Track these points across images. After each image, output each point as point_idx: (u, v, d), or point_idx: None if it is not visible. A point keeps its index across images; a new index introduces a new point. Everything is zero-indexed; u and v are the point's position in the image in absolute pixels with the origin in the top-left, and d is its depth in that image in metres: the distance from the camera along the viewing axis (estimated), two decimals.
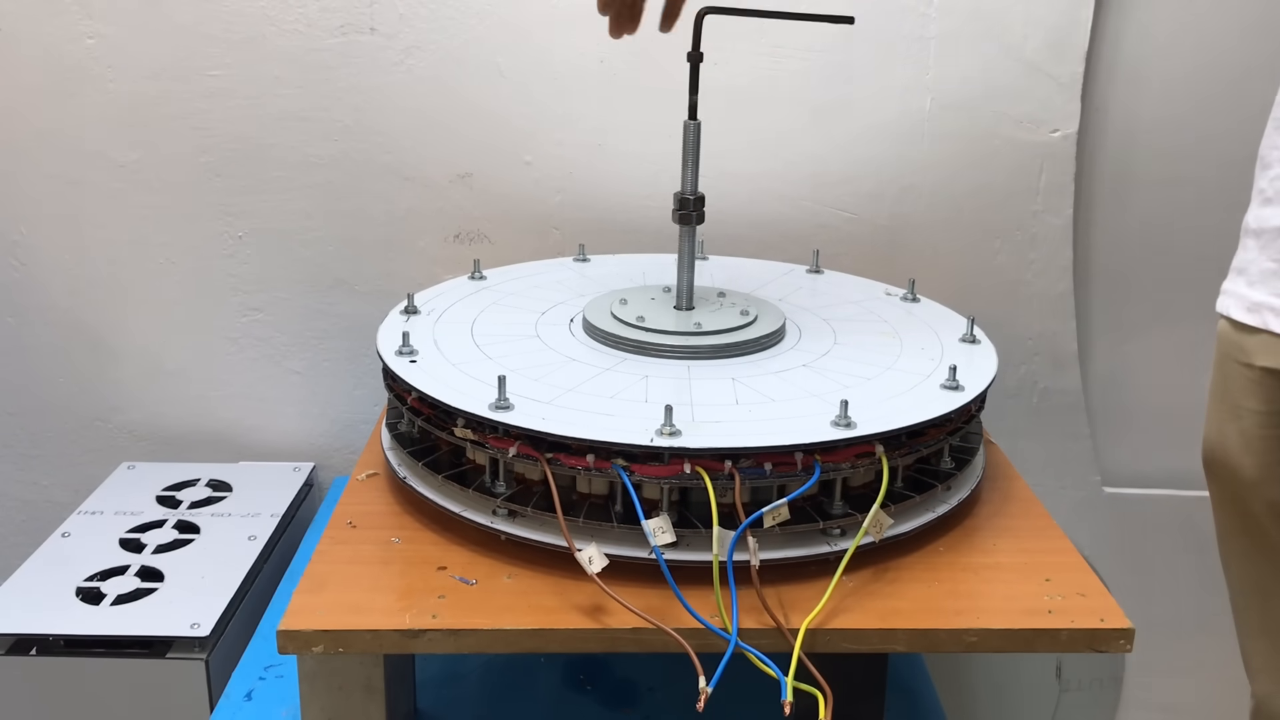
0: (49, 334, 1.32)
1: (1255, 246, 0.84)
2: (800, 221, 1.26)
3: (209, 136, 1.24)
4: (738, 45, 1.20)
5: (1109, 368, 1.34)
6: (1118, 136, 1.25)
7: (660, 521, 0.73)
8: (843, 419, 0.77)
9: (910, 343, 0.96)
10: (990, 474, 0.92)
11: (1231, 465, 0.87)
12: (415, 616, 0.71)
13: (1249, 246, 0.85)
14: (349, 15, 1.20)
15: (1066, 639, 0.72)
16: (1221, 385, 0.88)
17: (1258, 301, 0.83)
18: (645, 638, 0.71)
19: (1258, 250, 0.83)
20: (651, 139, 1.22)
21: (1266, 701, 0.92)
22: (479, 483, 0.81)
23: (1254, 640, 0.92)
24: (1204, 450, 0.90)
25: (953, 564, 0.79)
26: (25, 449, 1.36)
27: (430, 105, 1.23)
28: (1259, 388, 0.84)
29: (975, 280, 1.28)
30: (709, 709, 0.64)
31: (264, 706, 0.93)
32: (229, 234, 1.28)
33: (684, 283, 0.97)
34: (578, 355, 0.91)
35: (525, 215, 1.26)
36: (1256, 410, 0.84)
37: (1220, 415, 0.88)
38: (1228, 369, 0.87)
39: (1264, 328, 0.82)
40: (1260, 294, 0.83)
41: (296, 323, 1.31)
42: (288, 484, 1.28)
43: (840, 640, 0.72)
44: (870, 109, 1.23)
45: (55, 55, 1.22)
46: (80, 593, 1.05)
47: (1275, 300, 0.81)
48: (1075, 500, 1.34)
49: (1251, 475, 0.86)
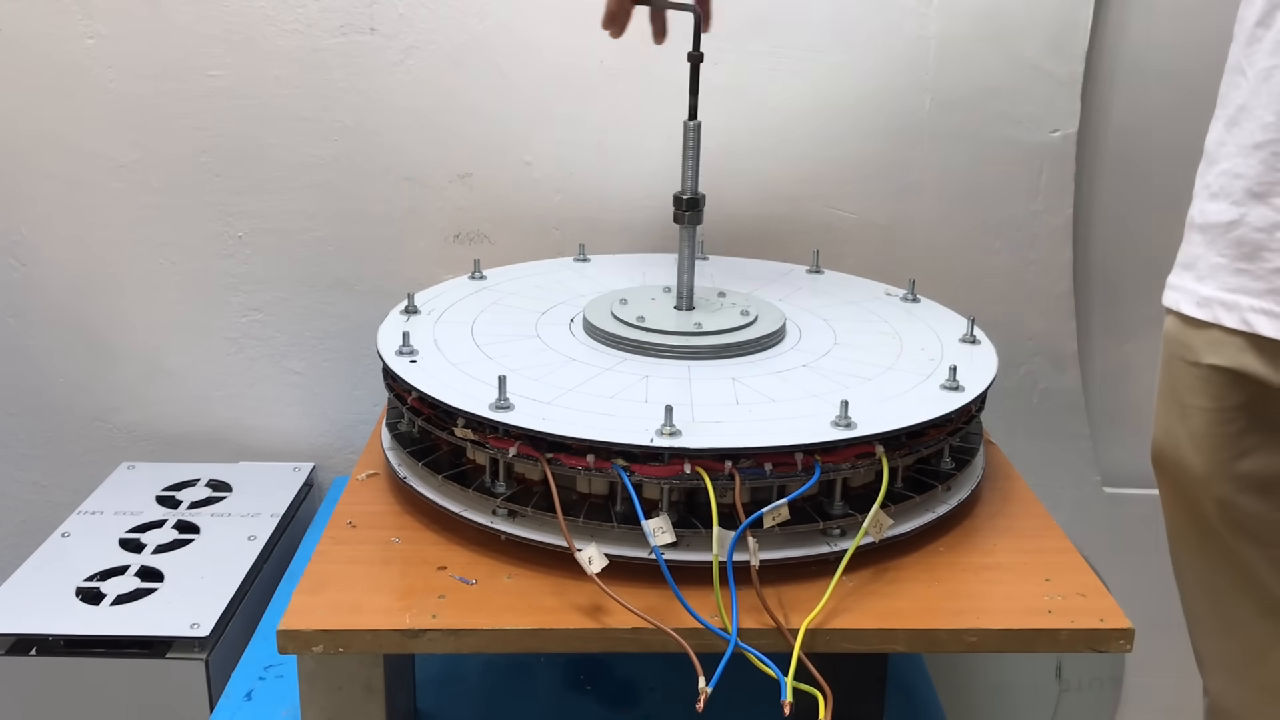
0: (49, 334, 1.32)
1: (1202, 241, 0.83)
2: (800, 221, 1.26)
3: (209, 136, 1.24)
4: (738, 45, 1.20)
5: (1108, 368, 1.34)
6: (1118, 136, 1.25)
7: (660, 521, 0.73)
8: (843, 419, 0.77)
9: (910, 343, 0.96)
10: (990, 474, 0.92)
11: (1181, 464, 0.87)
12: (415, 616, 0.71)
13: (1195, 241, 0.84)
14: (349, 15, 1.20)
15: (1066, 639, 0.72)
16: (1168, 384, 0.88)
17: (1207, 296, 0.82)
18: (645, 638, 0.71)
19: (1205, 245, 0.83)
20: (651, 139, 1.22)
21: (1220, 698, 0.92)
22: (479, 483, 0.81)
23: (1206, 638, 0.92)
24: (1153, 449, 0.90)
25: (953, 564, 0.79)
26: (25, 449, 1.36)
27: (430, 105, 1.23)
28: (1206, 385, 0.84)
29: (975, 280, 1.28)
30: (709, 709, 0.64)
31: (264, 706, 0.93)
32: (229, 234, 1.28)
33: (684, 283, 0.97)
34: (578, 355, 0.91)
35: (525, 215, 1.26)
36: (1204, 408, 0.84)
37: (1168, 415, 0.88)
38: (1174, 368, 0.87)
39: (1215, 322, 0.82)
40: (1210, 289, 0.82)
41: (296, 323, 1.31)
42: (288, 484, 1.28)
43: (840, 640, 0.72)
44: (870, 109, 1.23)
45: (55, 55, 1.22)
46: (80, 593, 1.05)
47: (1225, 295, 0.81)
48: (1075, 500, 1.34)
49: (1201, 473, 0.85)
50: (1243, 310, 0.80)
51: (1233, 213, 0.80)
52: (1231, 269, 0.81)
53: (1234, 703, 0.91)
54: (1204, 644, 0.93)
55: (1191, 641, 0.94)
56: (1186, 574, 0.92)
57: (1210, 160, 0.84)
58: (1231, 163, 0.81)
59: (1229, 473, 0.84)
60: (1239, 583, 0.87)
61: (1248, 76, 0.80)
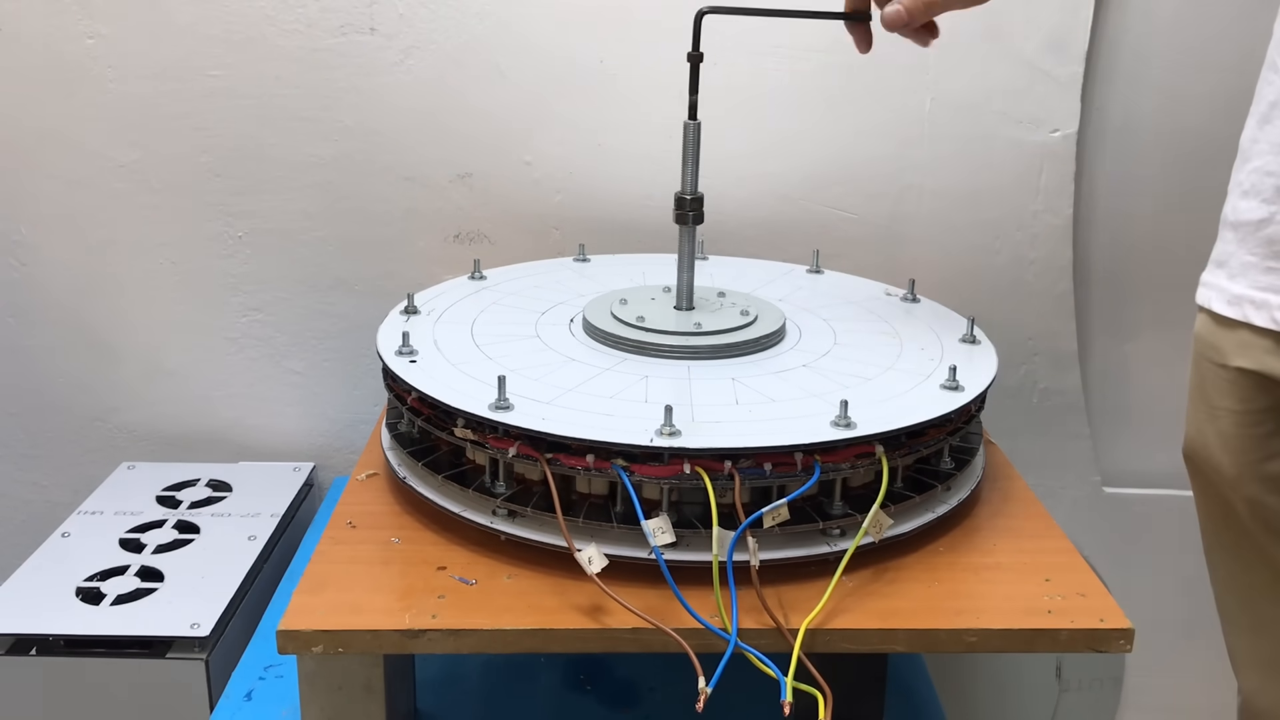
0: (49, 334, 1.32)
1: (1234, 239, 0.83)
2: (800, 221, 1.26)
3: (209, 136, 1.24)
4: (738, 45, 1.20)
5: (1109, 367, 1.34)
6: (1118, 136, 1.25)
7: (660, 521, 0.73)
8: (843, 419, 0.77)
9: (910, 343, 0.96)
10: (990, 474, 0.92)
11: (1212, 463, 0.87)
12: (415, 616, 0.71)
13: (1227, 239, 0.85)
14: (349, 15, 1.20)
15: (1066, 639, 0.72)
16: (1198, 384, 0.88)
17: (1238, 294, 0.82)
18: (645, 638, 0.71)
19: (1236, 243, 0.83)
20: (652, 139, 1.22)
21: (1253, 697, 0.92)
22: (479, 483, 0.81)
23: (1239, 636, 0.92)
24: (1185, 447, 0.91)
25: (953, 564, 0.79)
26: (25, 449, 1.36)
27: (430, 105, 1.23)
28: (1234, 388, 0.84)
29: (975, 280, 1.28)
30: (709, 709, 0.64)
31: (264, 706, 0.93)
32: (229, 234, 1.28)
33: (684, 283, 0.97)
34: (578, 355, 0.91)
35: (525, 215, 1.26)
36: (1232, 410, 0.85)
37: (1198, 414, 0.88)
38: (1203, 369, 0.87)
39: (1244, 320, 0.82)
40: (1240, 286, 0.82)
41: (296, 323, 1.31)
42: (288, 484, 1.28)
43: (840, 640, 0.72)
44: (870, 109, 1.23)
45: (55, 55, 1.22)
46: (80, 593, 1.05)
47: (1255, 293, 0.81)
48: (1075, 500, 1.34)
49: (1231, 473, 0.86)
50: (1272, 309, 0.80)
51: (1263, 210, 0.80)
52: (1262, 267, 0.81)
53: (1267, 702, 0.91)
54: (1236, 642, 0.93)
55: (1225, 640, 0.94)
56: (1219, 572, 0.92)
57: (1244, 157, 0.84)
58: (1263, 160, 0.81)
59: (1258, 474, 0.85)
60: (1270, 582, 0.87)
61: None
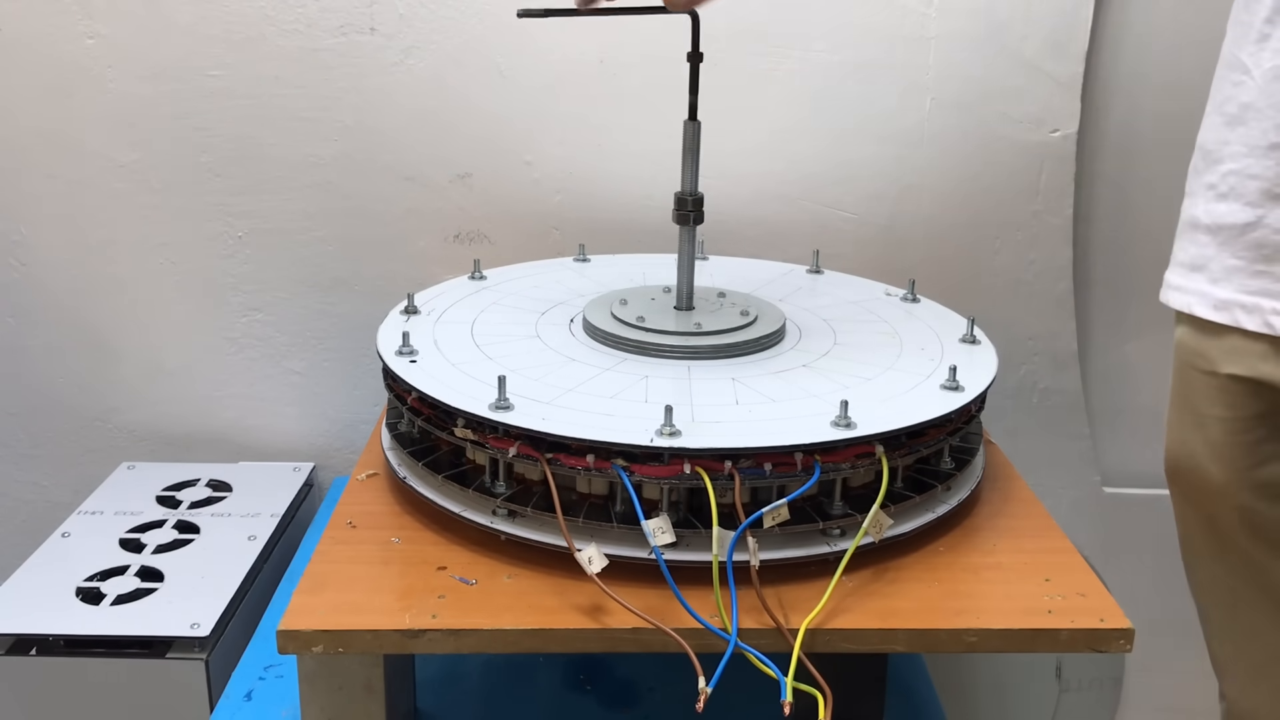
0: (49, 334, 1.32)
1: (1213, 243, 0.82)
2: (800, 221, 1.26)
3: (209, 136, 1.24)
4: (738, 45, 1.20)
5: (1108, 368, 1.34)
6: (1118, 136, 1.25)
7: (660, 522, 0.73)
8: (843, 419, 0.77)
9: (910, 343, 0.96)
10: (990, 474, 0.92)
11: (1198, 474, 0.86)
12: (415, 616, 0.71)
13: (1203, 242, 0.83)
14: (349, 15, 1.20)
15: (1066, 639, 0.72)
16: (1182, 394, 0.87)
17: (1225, 299, 0.81)
18: (645, 638, 0.70)
19: (1216, 247, 0.82)
20: (651, 139, 1.22)
21: (1237, 702, 0.92)
22: (479, 483, 0.81)
23: (1222, 643, 0.92)
24: (1167, 460, 0.89)
25: (953, 564, 0.79)
26: (25, 449, 1.36)
27: (430, 105, 1.23)
28: (1224, 395, 0.83)
29: (975, 280, 1.28)
30: (709, 709, 0.64)
31: (264, 706, 0.93)
32: (229, 234, 1.28)
33: (684, 283, 0.97)
34: (578, 355, 0.91)
35: (525, 215, 1.26)
36: (1222, 418, 0.83)
37: (1183, 424, 0.87)
38: (1188, 377, 0.85)
39: (1234, 325, 0.81)
40: (1227, 291, 0.81)
41: (296, 323, 1.31)
42: (288, 484, 1.28)
43: (840, 640, 0.72)
44: (870, 109, 1.23)
45: (55, 55, 1.22)
46: (80, 593, 1.05)
47: (1245, 298, 0.80)
48: (1075, 500, 1.34)
49: (1219, 483, 0.85)
50: (1264, 313, 0.79)
51: (1249, 214, 0.80)
52: (1250, 271, 0.80)
53: (1252, 706, 0.90)
54: (1221, 649, 0.92)
55: (1208, 646, 0.93)
56: (1202, 581, 0.92)
57: (1212, 159, 0.83)
58: (1241, 163, 0.80)
59: (1249, 481, 0.84)
60: (1258, 589, 0.87)
61: (1253, 75, 0.79)
